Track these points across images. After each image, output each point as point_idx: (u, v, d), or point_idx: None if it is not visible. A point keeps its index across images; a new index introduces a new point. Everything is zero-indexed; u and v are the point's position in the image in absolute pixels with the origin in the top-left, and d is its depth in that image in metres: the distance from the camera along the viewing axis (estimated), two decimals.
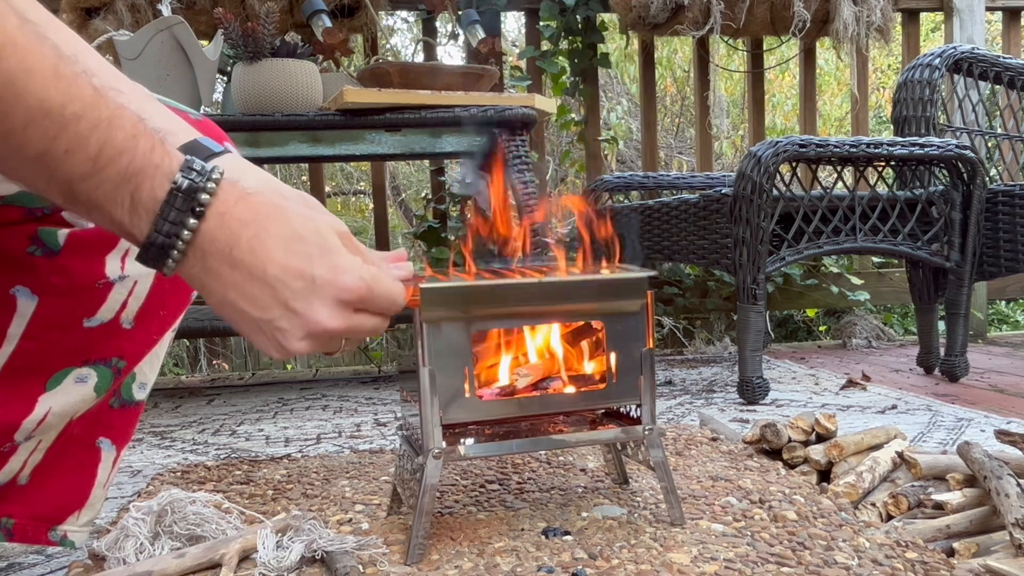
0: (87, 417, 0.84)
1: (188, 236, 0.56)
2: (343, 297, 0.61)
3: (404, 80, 1.95)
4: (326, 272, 0.60)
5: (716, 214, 1.89)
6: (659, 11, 2.64)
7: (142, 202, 0.56)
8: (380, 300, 0.64)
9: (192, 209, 0.56)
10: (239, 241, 0.58)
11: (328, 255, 0.61)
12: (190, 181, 0.56)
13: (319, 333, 0.61)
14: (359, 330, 0.64)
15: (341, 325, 0.62)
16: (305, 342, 0.61)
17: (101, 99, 0.54)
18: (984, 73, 2.35)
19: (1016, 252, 1.99)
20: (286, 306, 0.59)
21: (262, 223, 0.58)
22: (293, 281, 0.59)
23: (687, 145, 4.83)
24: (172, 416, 1.98)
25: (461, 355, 0.89)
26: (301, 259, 0.59)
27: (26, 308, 0.75)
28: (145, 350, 0.85)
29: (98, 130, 0.53)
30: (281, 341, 0.61)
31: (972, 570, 0.81)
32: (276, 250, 0.58)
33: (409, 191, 5.13)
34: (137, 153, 0.55)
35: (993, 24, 4.74)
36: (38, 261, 0.74)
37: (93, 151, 0.53)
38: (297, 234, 0.60)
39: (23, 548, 1.01)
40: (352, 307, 0.62)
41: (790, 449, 1.23)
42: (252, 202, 0.59)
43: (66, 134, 0.52)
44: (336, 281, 0.61)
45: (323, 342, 0.63)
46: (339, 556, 0.87)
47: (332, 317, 0.61)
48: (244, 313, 0.60)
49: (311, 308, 0.60)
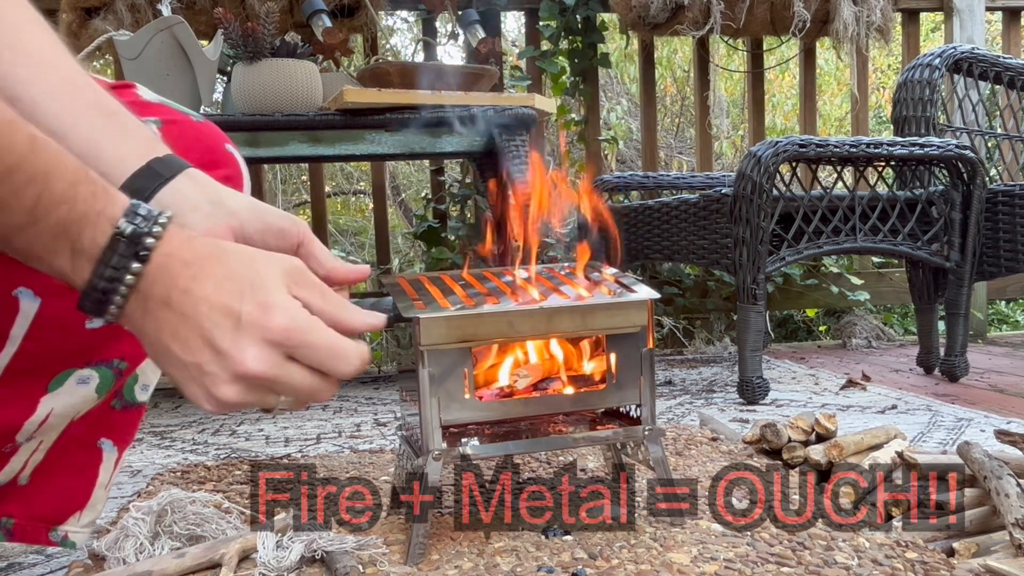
0: (89, 418, 0.84)
1: (131, 280, 0.54)
2: (269, 337, 0.56)
3: (404, 80, 1.95)
4: (253, 308, 0.56)
5: (716, 214, 1.89)
6: (659, 11, 2.64)
7: (84, 249, 0.54)
8: (317, 352, 0.58)
9: (136, 254, 0.54)
10: (177, 282, 0.55)
11: (259, 291, 0.56)
12: (134, 227, 0.54)
13: (244, 375, 0.56)
14: (291, 382, 0.58)
15: (267, 370, 0.56)
16: (232, 387, 0.56)
17: (37, 147, 0.51)
18: (984, 73, 2.35)
19: (1016, 252, 1.99)
20: (212, 345, 0.56)
21: (202, 264, 0.56)
22: (221, 319, 0.55)
23: (687, 145, 4.83)
24: (172, 416, 1.98)
25: (461, 355, 0.89)
26: (231, 296, 0.56)
27: (29, 309, 0.75)
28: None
29: (34, 183, 0.51)
30: (209, 387, 0.57)
31: (972, 570, 0.81)
32: (209, 288, 0.55)
33: (409, 191, 5.13)
34: (78, 201, 0.53)
35: (993, 24, 4.74)
36: None
37: (29, 203, 0.51)
38: (232, 272, 0.56)
39: (23, 548, 1.01)
40: (283, 351, 0.57)
41: (790, 449, 1.23)
42: (194, 244, 0.57)
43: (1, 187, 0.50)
44: (262, 319, 0.56)
45: (252, 389, 0.57)
46: (339, 556, 0.87)
47: (258, 359, 0.56)
48: (175, 357, 0.57)
49: (236, 347, 0.55)
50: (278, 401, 0.60)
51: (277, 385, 0.58)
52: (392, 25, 4.55)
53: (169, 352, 0.57)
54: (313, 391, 0.59)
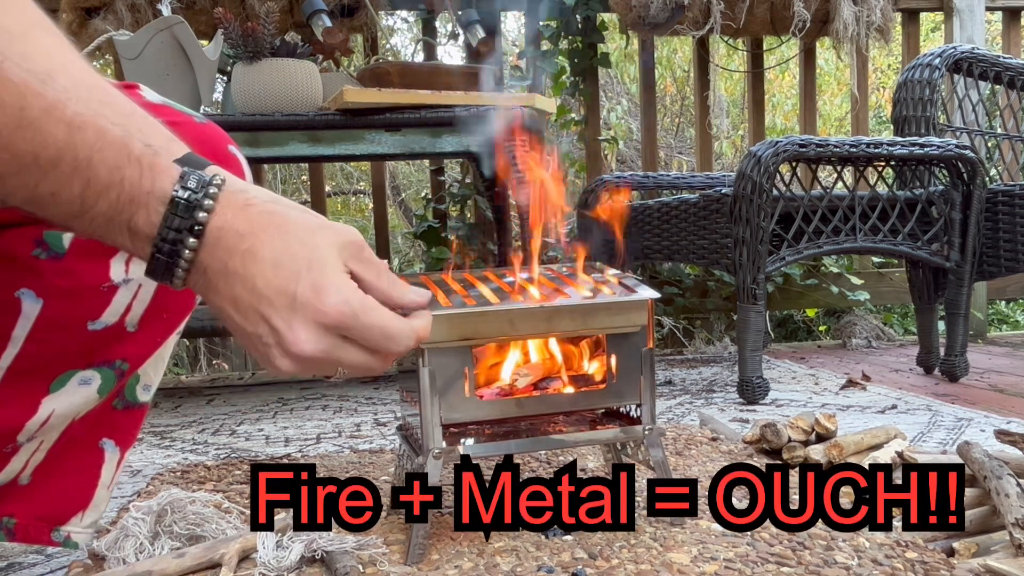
0: (90, 418, 0.84)
1: (189, 255, 0.55)
2: (322, 320, 0.57)
3: (404, 80, 1.95)
4: (307, 291, 0.56)
5: (716, 214, 1.89)
6: (659, 11, 2.64)
7: (139, 229, 0.54)
8: (370, 333, 0.59)
9: (191, 228, 0.55)
10: (234, 254, 0.56)
11: (314, 272, 0.57)
12: (186, 201, 0.54)
13: (297, 356, 0.58)
14: (344, 360, 0.60)
15: (320, 351, 0.57)
16: (287, 361, 0.58)
17: (76, 136, 0.51)
18: (984, 73, 2.35)
19: (1016, 252, 1.99)
20: (268, 323, 0.57)
21: (258, 235, 0.56)
22: (276, 298, 0.56)
23: (687, 145, 4.83)
24: (172, 416, 1.98)
25: (462, 355, 0.89)
26: (287, 276, 0.56)
27: (31, 311, 0.75)
28: (149, 353, 0.85)
29: (78, 172, 0.51)
30: (268, 356, 0.59)
31: (972, 570, 0.81)
32: (266, 264, 0.56)
33: (409, 191, 5.13)
34: (125, 185, 0.53)
35: (993, 24, 4.74)
36: (43, 264, 0.74)
37: (77, 192, 0.52)
38: (288, 248, 0.57)
39: (23, 548, 1.01)
40: (335, 333, 0.58)
41: (790, 449, 1.23)
42: (250, 213, 0.57)
43: (47, 180, 0.51)
44: (315, 302, 0.56)
45: (307, 365, 0.59)
46: (339, 556, 0.87)
47: (310, 340, 0.57)
48: (238, 326, 0.58)
49: (290, 328, 0.56)
50: (337, 371, 0.62)
51: (333, 361, 0.59)
52: (392, 25, 4.55)
53: (232, 320, 0.58)
54: (367, 367, 0.61)
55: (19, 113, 0.50)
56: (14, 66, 0.51)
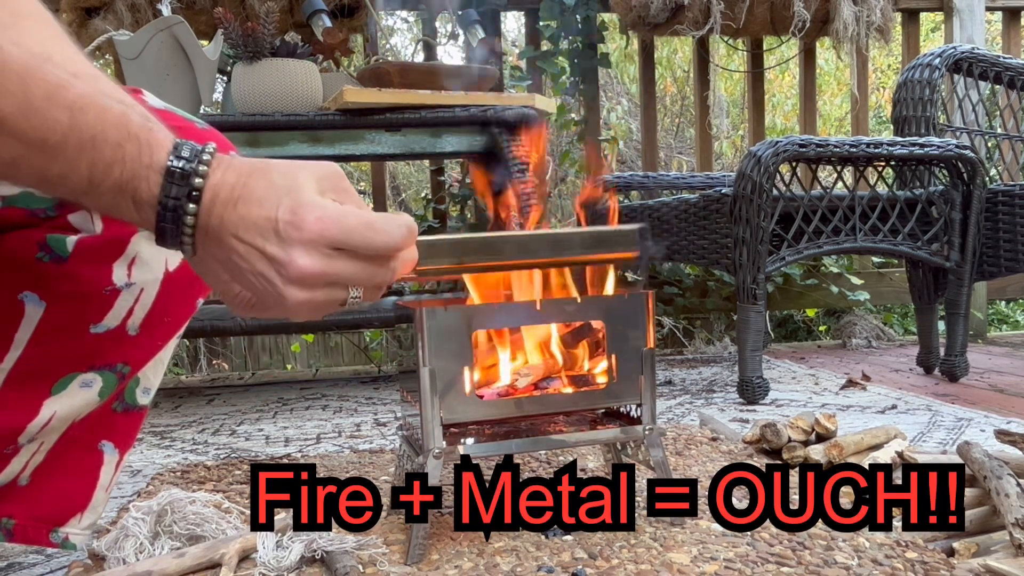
0: (90, 420, 0.84)
1: (192, 220, 0.58)
2: (306, 237, 0.59)
3: (404, 80, 1.95)
4: (286, 214, 0.59)
5: (716, 214, 1.89)
6: (659, 11, 2.64)
7: (143, 200, 0.57)
8: (356, 233, 0.60)
9: (188, 194, 0.57)
10: (227, 205, 0.59)
11: (292, 196, 0.59)
12: (181, 170, 0.57)
13: (299, 277, 0.59)
14: (344, 272, 0.61)
15: (316, 266, 0.59)
16: (293, 288, 0.59)
17: (79, 118, 0.54)
18: (984, 73, 2.35)
19: (1016, 252, 1.99)
20: (264, 254, 0.59)
21: (245, 181, 0.59)
22: (264, 227, 0.59)
23: (687, 145, 4.83)
24: (172, 416, 1.98)
25: (461, 355, 0.89)
26: (270, 206, 0.59)
27: (34, 314, 0.75)
28: (150, 356, 0.85)
29: (84, 152, 0.54)
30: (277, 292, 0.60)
31: (972, 570, 0.81)
32: (252, 202, 0.59)
33: (409, 191, 5.13)
34: (127, 161, 0.56)
35: (993, 24, 4.74)
36: (46, 267, 0.74)
37: (85, 172, 0.54)
38: (272, 184, 0.59)
39: (23, 548, 1.01)
40: (325, 245, 0.60)
41: (790, 449, 1.23)
42: (236, 164, 0.60)
43: (55, 163, 0.53)
44: (295, 221, 0.58)
45: (314, 287, 0.60)
46: (339, 556, 0.87)
47: (304, 258, 0.59)
48: (245, 274, 0.60)
49: (284, 252, 0.59)
50: (348, 294, 0.63)
51: (333, 277, 0.61)
52: (392, 25, 4.55)
53: (240, 270, 0.60)
54: (370, 276, 0.62)
55: (24, 100, 0.52)
56: (13, 51, 0.52)
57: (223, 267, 0.61)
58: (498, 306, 0.92)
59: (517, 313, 0.93)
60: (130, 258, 0.77)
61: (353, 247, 0.61)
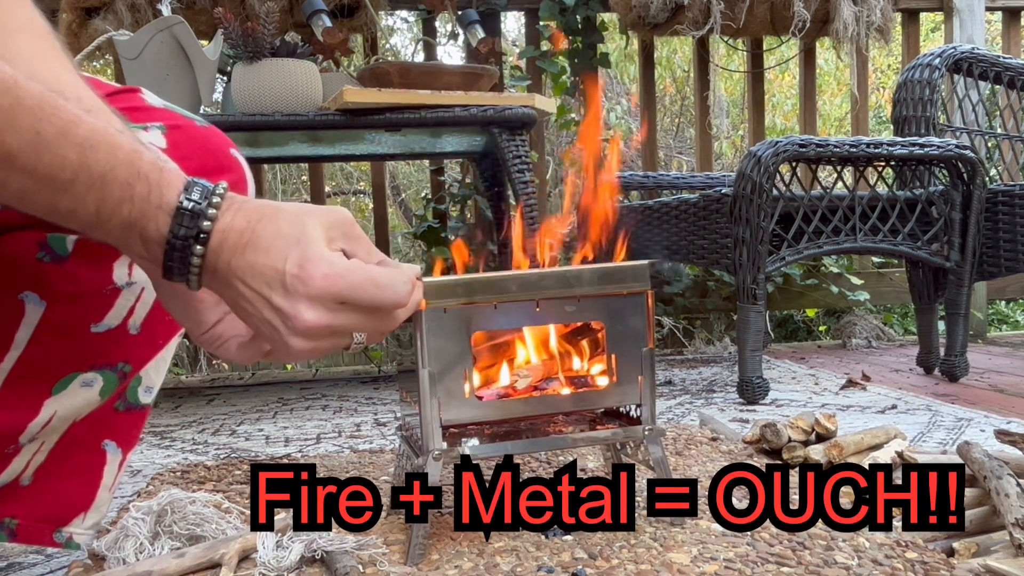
0: (92, 420, 0.84)
1: (198, 261, 0.58)
2: (312, 293, 0.59)
3: (404, 80, 1.94)
4: (294, 267, 0.59)
5: (716, 214, 1.89)
6: (659, 11, 2.64)
7: (151, 238, 0.58)
8: (361, 289, 0.61)
9: (197, 236, 0.58)
10: (236, 250, 0.59)
11: (300, 247, 0.59)
12: (190, 212, 0.57)
13: (303, 330, 0.60)
14: (349, 325, 0.62)
15: (322, 321, 0.60)
16: (298, 339, 0.60)
17: (89, 157, 0.54)
18: (984, 73, 2.35)
19: (1016, 252, 1.99)
20: (271, 304, 0.59)
21: (254, 227, 0.59)
22: (271, 278, 0.59)
23: (687, 145, 4.83)
24: (172, 416, 1.98)
25: (461, 355, 0.89)
26: (277, 256, 0.59)
27: (34, 314, 0.75)
28: (151, 355, 0.85)
29: (93, 190, 0.54)
30: (282, 341, 0.61)
31: (972, 570, 0.81)
32: (260, 250, 0.59)
33: (409, 191, 5.13)
34: (136, 200, 0.56)
35: (993, 24, 4.74)
36: (46, 267, 0.74)
37: (93, 208, 0.55)
38: (280, 231, 0.59)
39: (23, 548, 1.01)
40: (331, 301, 0.60)
41: (790, 449, 1.23)
42: (247, 209, 0.60)
43: (64, 199, 0.54)
44: (302, 275, 0.59)
45: (319, 337, 0.61)
46: (339, 556, 0.87)
47: (310, 312, 0.59)
48: (251, 317, 0.61)
49: (291, 306, 0.59)
50: (352, 340, 0.64)
51: (338, 329, 0.62)
52: (392, 25, 4.55)
53: (246, 312, 0.61)
54: (375, 326, 0.64)
55: (35, 137, 0.52)
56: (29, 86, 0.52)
57: (230, 305, 0.62)
58: (498, 307, 0.92)
59: (517, 313, 0.93)
60: (134, 259, 0.77)
61: (358, 304, 0.61)
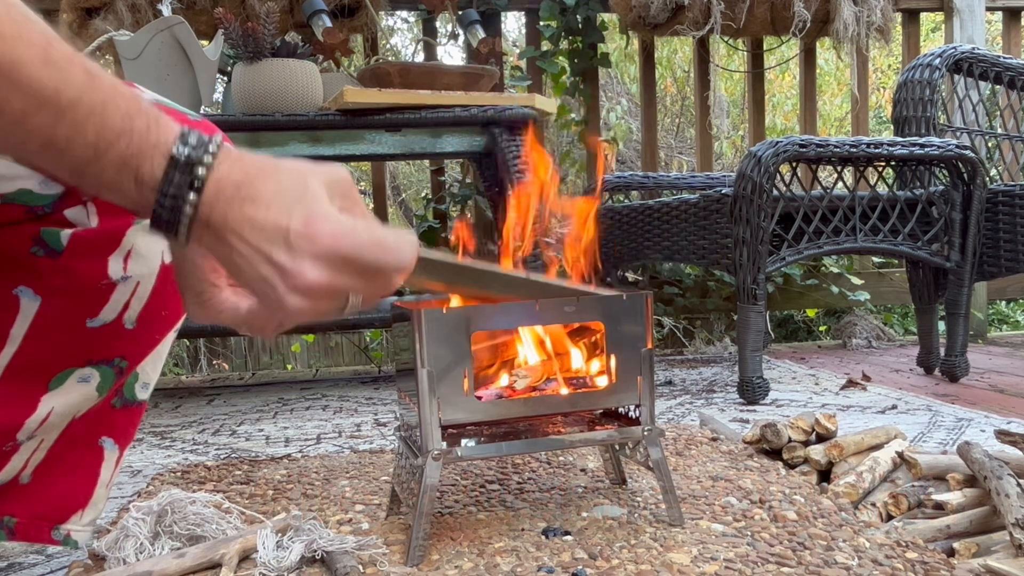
0: (89, 417, 0.84)
1: (190, 211, 0.57)
2: (318, 250, 0.58)
3: (404, 80, 1.95)
4: (299, 223, 0.58)
5: (716, 214, 1.89)
6: (659, 11, 2.64)
7: (145, 180, 0.56)
8: (367, 250, 0.59)
9: (191, 183, 0.56)
10: (232, 204, 0.58)
11: (304, 204, 0.58)
12: (186, 157, 0.56)
13: (304, 288, 0.58)
14: (352, 285, 0.60)
15: (324, 280, 0.59)
16: (296, 297, 0.59)
17: (94, 81, 0.54)
18: (984, 73, 2.35)
19: (1016, 252, 1.99)
20: (271, 261, 0.58)
21: (253, 181, 0.58)
22: (273, 234, 0.58)
23: (687, 145, 4.83)
24: (172, 416, 1.98)
25: (460, 356, 0.89)
26: (280, 212, 0.58)
27: (29, 309, 0.75)
28: (147, 350, 0.85)
29: (94, 116, 0.53)
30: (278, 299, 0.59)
31: (972, 570, 0.81)
32: (261, 205, 0.58)
33: (409, 191, 5.13)
34: (134, 135, 0.55)
35: (993, 24, 4.74)
36: (41, 262, 0.74)
37: (92, 138, 0.54)
38: (281, 187, 0.58)
39: (23, 548, 1.01)
40: (334, 259, 0.59)
41: (790, 449, 1.23)
42: (244, 163, 0.59)
43: (64, 122, 0.53)
44: (308, 232, 0.58)
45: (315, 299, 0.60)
46: (339, 556, 0.87)
47: (313, 270, 0.58)
48: (246, 275, 0.59)
49: (293, 262, 0.58)
50: (348, 302, 0.62)
51: (337, 291, 0.60)
52: (392, 25, 4.55)
53: (239, 269, 0.59)
54: (374, 287, 0.62)
55: (44, 53, 0.52)
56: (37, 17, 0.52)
57: (220, 261, 0.60)
58: (496, 307, 0.92)
59: (516, 314, 0.93)
60: (125, 251, 0.77)
61: (363, 264, 0.60)
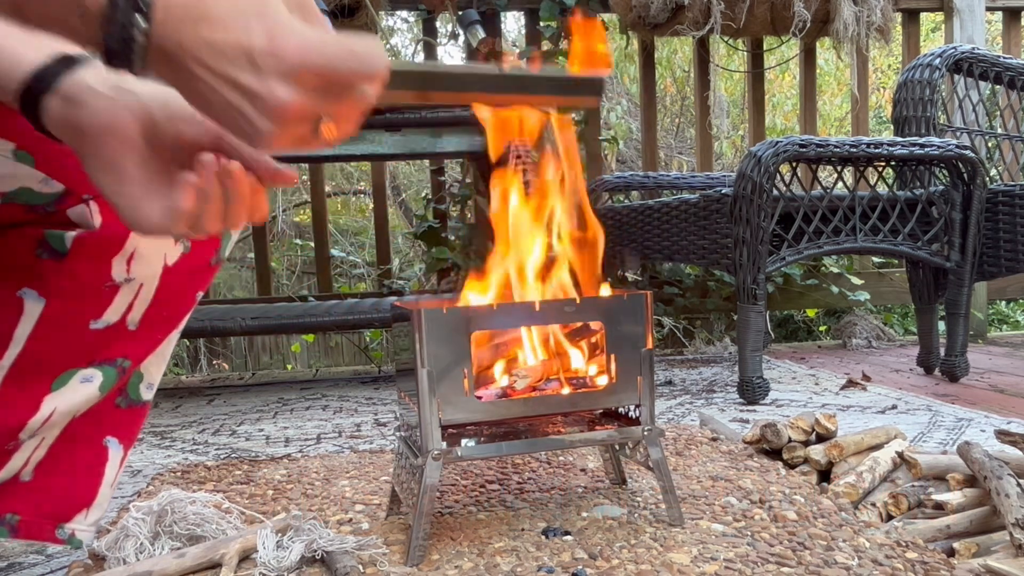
0: (94, 416, 0.84)
1: (142, 39, 0.53)
2: (285, 67, 0.53)
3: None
4: (262, 40, 0.53)
5: (716, 214, 1.89)
6: (659, 11, 2.64)
7: (89, 11, 0.52)
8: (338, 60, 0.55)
9: (136, 5, 0.52)
10: (185, 24, 0.53)
11: (264, 19, 0.54)
12: None
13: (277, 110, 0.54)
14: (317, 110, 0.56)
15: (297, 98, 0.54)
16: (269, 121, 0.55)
17: None
18: (984, 73, 2.35)
19: (1016, 252, 1.99)
20: (238, 85, 0.54)
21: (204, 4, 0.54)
22: (236, 56, 0.53)
23: (687, 145, 4.83)
24: (172, 416, 1.98)
25: (460, 355, 0.89)
26: (239, 30, 0.53)
27: (33, 310, 0.75)
28: (150, 351, 0.86)
29: None
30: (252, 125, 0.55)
31: (972, 570, 0.81)
32: (216, 25, 0.53)
33: (409, 191, 5.13)
34: None
35: (993, 24, 4.74)
36: (45, 264, 0.75)
37: None
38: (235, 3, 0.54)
39: (23, 548, 1.01)
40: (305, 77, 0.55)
41: (790, 449, 1.23)
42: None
43: None
44: (273, 49, 0.53)
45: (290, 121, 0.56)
46: (339, 556, 0.87)
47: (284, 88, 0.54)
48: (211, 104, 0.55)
49: (261, 84, 0.54)
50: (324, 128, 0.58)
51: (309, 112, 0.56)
52: (392, 25, 4.55)
53: (205, 100, 0.55)
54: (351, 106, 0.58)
55: None
56: None
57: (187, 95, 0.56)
58: (497, 307, 0.92)
59: (516, 314, 0.93)
60: (129, 253, 0.77)
61: (337, 77, 0.56)
